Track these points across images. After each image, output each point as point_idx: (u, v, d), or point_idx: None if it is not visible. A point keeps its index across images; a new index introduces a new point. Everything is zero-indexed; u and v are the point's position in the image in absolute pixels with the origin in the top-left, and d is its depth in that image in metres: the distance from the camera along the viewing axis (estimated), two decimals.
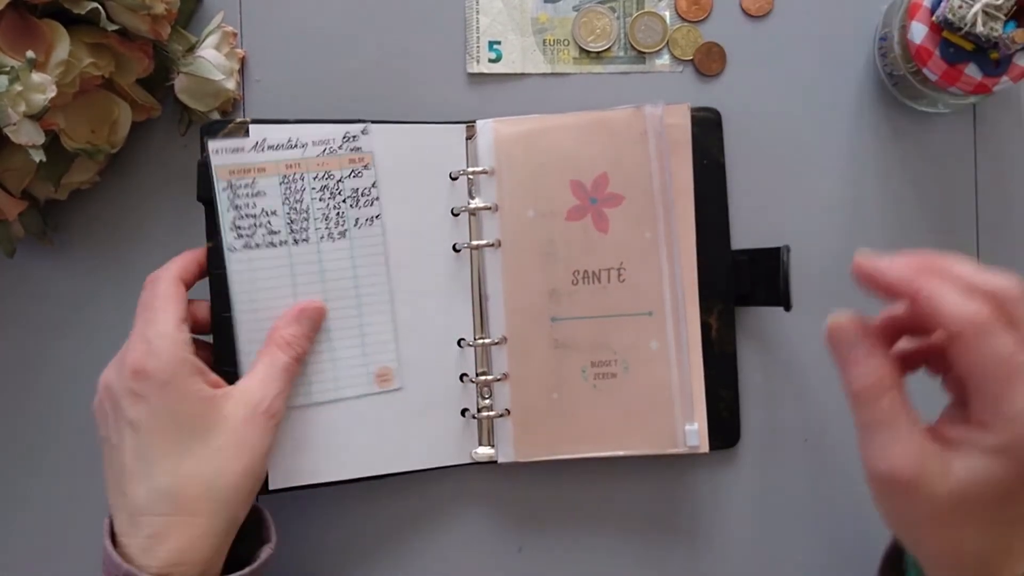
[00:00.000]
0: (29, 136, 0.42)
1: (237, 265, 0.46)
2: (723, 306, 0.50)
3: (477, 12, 0.52)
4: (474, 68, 0.52)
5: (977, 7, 0.44)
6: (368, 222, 0.48)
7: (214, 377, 0.44)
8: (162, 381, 0.41)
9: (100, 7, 0.44)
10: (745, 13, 0.52)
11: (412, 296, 0.49)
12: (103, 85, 0.47)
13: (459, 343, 0.49)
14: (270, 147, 0.47)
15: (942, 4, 0.45)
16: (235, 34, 0.51)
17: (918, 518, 0.34)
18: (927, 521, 0.34)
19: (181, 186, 0.51)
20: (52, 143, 0.45)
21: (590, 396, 0.49)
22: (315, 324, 0.47)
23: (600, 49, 0.52)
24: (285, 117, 0.50)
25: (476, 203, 0.49)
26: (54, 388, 0.52)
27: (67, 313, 0.52)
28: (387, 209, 0.48)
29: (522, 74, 0.52)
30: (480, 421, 0.49)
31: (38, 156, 0.43)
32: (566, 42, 0.52)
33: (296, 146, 0.47)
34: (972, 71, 0.46)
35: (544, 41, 0.52)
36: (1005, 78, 0.46)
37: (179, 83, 0.49)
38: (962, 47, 0.45)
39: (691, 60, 0.52)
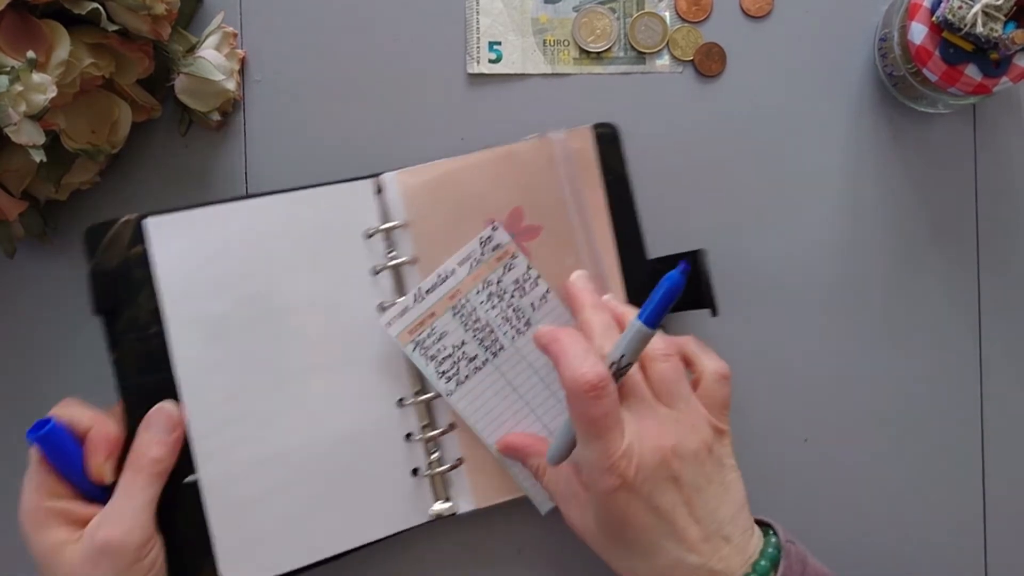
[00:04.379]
0: (29, 136, 0.42)
1: (461, 403, 0.48)
2: None
3: (477, 13, 0.52)
4: (474, 68, 0.52)
5: (977, 8, 0.44)
6: (542, 300, 0.48)
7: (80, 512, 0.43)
8: (27, 537, 0.43)
9: (100, 7, 0.44)
10: (745, 13, 0.52)
11: (340, 363, 0.47)
12: (103, 85, 0.47)
13: (399, 403, 0.48)
14: (427, 292, 0.47)
15: (942, 5, 0.45)
16: (235, 34, 0.51)
17: (594, 550, 0.44)
18: (596, 551, 0.44)
19: (181, 186, 0.51)
20: (52, 143, 0.45)
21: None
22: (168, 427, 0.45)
23: (600, 50, 0.52)
24: (286, 118, 0.51)
25: (395, 258, 0.48)
26: (53, 388, 0.52)
27: (67, 313, 0.52)
28: (301, 279, 0.47)
29: (522, 75, 0.52)
30: (433, 477, 0.48)
31: (38, 156, 0.43)
32: (566, 43, 0.52)
33: (447, 277, 0.47)
34: (972, 72, 0.46)
35: (544, 42, 0.52)
36: (1005, 79, 0.46)
37: (179, 83, 0.49)
38: (962, 48, 0.45)
39: (691, 61, 0.52)
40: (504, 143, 0.52)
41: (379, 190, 0.48)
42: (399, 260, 0.48)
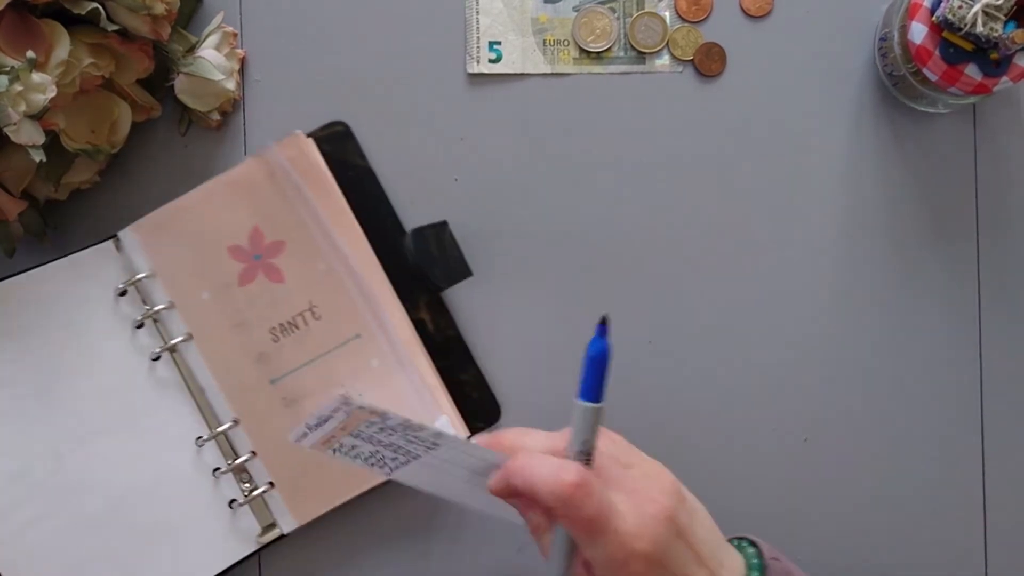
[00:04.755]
0: (29, 136, 0.42)
1: (404, 479, 0.42)
2: (428, 296, 0.50)
3: (477, 12, 0.52)
4: (474, 68, 0.52)
5: (977, 7, 0.44)
6: (437, 437, 0.39)
7: None
8: None
9: (100, 7, 0.44)
10: (745, 13, 0.52)
11: (124, 421, 0.48)
12: (103, 85, 0.47)
13: (198, 441, 0.48)
14: (315, 426, 0.40)
15: (942, 4, 0.45)
16: (235, 34, 0.51)
17: None
18: None
19: (181, 186, 0.51)
20: (52, 143, 0.45)
21: None
22: None
23: (600, 49, 0.52)
24: (286, 118, 0.51)
25: (151, 309, 0.48)
26: None
27: None
28: (62, 351, 0.47)
29: (522, 74, 0.52)
30: (251, 504, 0.48)
31: (38, 156, 0.43)
32: (566, 42, 0.52)
33: (326, 420, 0.39)
34: (972, 71, 0.46)
35: (544, 41, 0.52)
36: (1005, 78, 0.46)
37: (179, 83, 0.49)
38: (962, 47, 0.45)
39: (691, 60, 0.52)
40: (504, 143, 0.52)
41: (119, 248, 0.49)
42: (156, 309, 0.48)
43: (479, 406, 0.50)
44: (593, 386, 0.38)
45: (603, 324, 0.38)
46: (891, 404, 0.52)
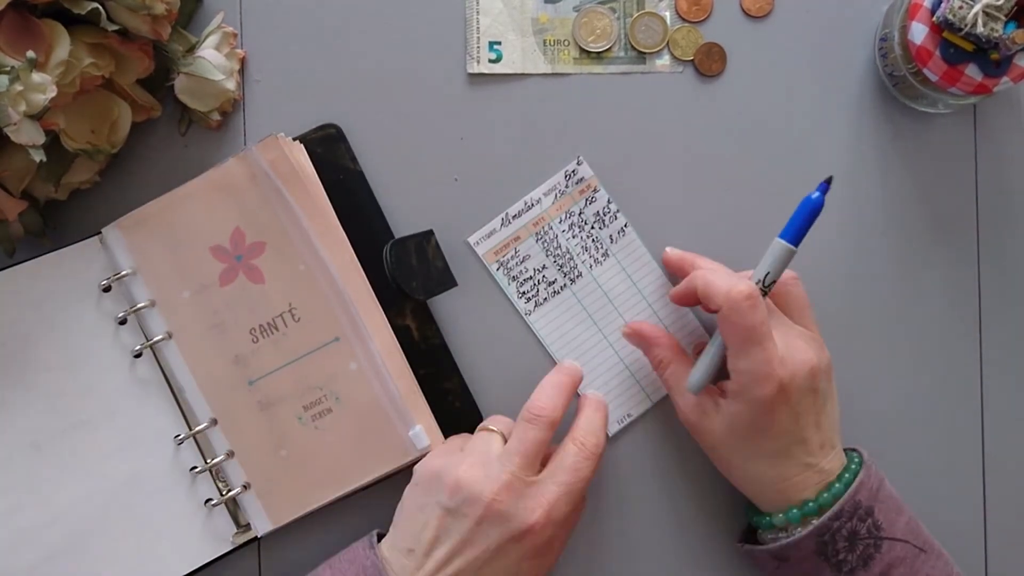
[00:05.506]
0: (29, 136, 0.42)
1: (539, 324, 0.51)
2: (414, 303, 0.50)
3: (477, 12, 0.52)
4: (474, 68, 0.52)
5: (977, 8, 0.44)
6: (620, 233, 0.51)
7: None
8: None
9: (100, 7, 0.44)
10: (745, 13, 0.52)
11: (104, 416, 0.48)
12: (103, 85, 0.47)
13: (176, 439, 0.49)
14: (514, 217, 0.51)
15: (942, 5, 0.45)
16: (235, 34, 0.51)
17: (710, 449, 0.47)
18: (716, 451, 0.47)
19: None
20: (52, 143, 0.45)
21: (316, 439, 0.48)
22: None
23: (600, 49, 0.52)
24: (286, 118, 0.51)
25: (133, 306, 0.49)
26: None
27: None
28: (45, 345, 0.48)
29: (522, 74, 0.52)
30: (226, 504, 0.49)
31: (38, 156, 0.43)
32: (566, 42, 0.52)
33: (533, 205, 0.51)
34: (972, 72, 0.46)
35: (544, 41, 0.52)
36: (1005, 79, 0.46)
37: (179, 83, 0.48)
38: (962, 48, 0.45)
39: (691, 60, 0.52)
40: (504, 143, 0.52)
41: (103, 244, 0.49)
42: (138, 306, 0.49)
43: (461, 415, 0.50)
44: (797, 231, 0.44)
45: (827, 183, 0.44)
46: (891, 404, 0.52)
